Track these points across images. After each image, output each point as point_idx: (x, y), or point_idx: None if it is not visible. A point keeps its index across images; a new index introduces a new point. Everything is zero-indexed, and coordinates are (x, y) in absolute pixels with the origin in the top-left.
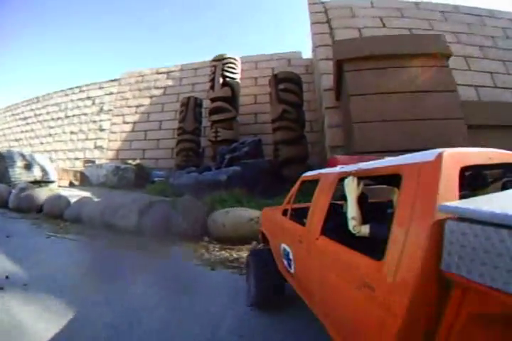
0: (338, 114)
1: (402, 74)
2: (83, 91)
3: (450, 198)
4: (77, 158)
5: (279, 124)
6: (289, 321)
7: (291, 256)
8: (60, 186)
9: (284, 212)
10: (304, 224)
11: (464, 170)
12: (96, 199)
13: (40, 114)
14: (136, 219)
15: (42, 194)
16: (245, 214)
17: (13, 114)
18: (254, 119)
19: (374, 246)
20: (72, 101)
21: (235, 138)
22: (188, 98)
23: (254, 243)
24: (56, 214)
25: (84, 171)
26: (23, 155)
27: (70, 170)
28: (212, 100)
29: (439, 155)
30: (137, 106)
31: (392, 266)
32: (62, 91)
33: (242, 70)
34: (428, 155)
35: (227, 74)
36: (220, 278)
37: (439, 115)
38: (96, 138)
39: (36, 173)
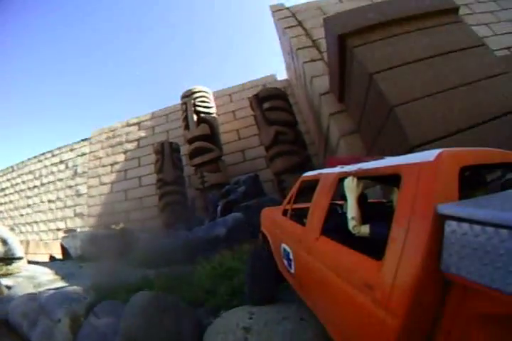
0: (347, 119)
1: (419, 38)
2: (55, 155)
3: (450, 198)
4: (58, 229)
5: (276, 150)
6: None
7: (291, 256)
8: (30, 262)
9: (284, 212)
10: (304, 224)
11: (464, 170)
12: (29, 291)
13: (16, 184)
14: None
15: None
16: None
17: None
18: (242, 157)
19: (374, 246)
20: (45, 167)
21: (225, 181)
22: (162, 144)
23: None
24: None
25: (63, 243)
26: None
27: (49, 242)
28: (190, 141)
29: (439, 156)
30: (112, 165)
31: (392, 266)
32: (35, 157)
33: (217, 106)
34: (428, 155)
35: (201, 109)
36: None
37: (483, 74)
38: (75, 205)
39: None
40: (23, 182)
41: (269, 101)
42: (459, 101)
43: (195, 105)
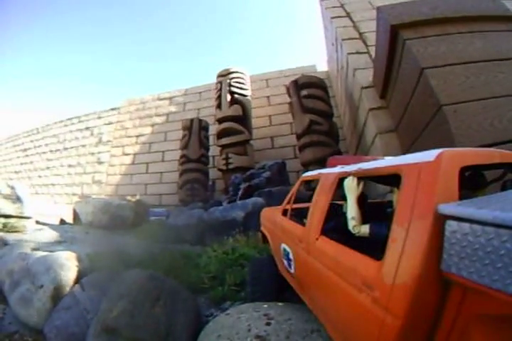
0: (386, 116)
1: (473, 40)
2: (82, 121)
3: (450, 198)
4: (74, 194)
5: (308, 139)
6: None
7: (291, 256)
8: (38, 223)
9: (284, 212)
10: (304, 224)
11: (464, 170)
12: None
13: (39, 146)
14: (44, 312)
15: None
16: None
17: (14, 145)
18: (270, 144)
19: (374, 246)
20: (70, 132)
21: (250, 165)
22: (192, 120)
23: None
24: None
25: (75, 207)
26: None
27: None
28: (220, 121)
29: (439, 156)
30: (137, 136)
31: (391, 266)
32: (61, 121)
33: (252, 90)
34: (428, 156)
35: (236, 90)
36: None
37: None
38: (94, 172)
39: (1, 204)
40: (46, 145)
41: (308, 89)
42: (509, 111)
43: (230, 85)
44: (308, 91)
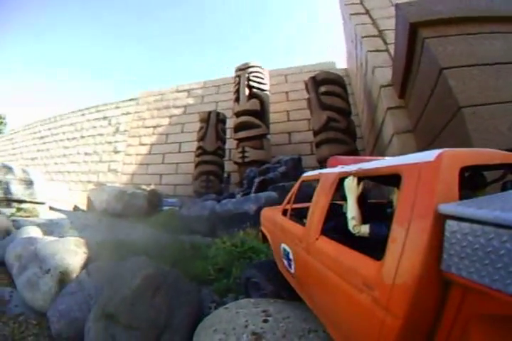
0: (404, 116)
1: (493, 41)
2: (100, 111)
3: (450, 198)
4: (89, 181)
5: (324, 136)
6: None
7: (291, 256)
8: (52, 209)
9: (284, 212)
10: (304, 224)
11: (464, 170)
12: (31, 235)
13: (56, 134)
14: (49, 296)
15: None
16: None
17: (31, 133)
18: (287, 139)
19: (374, 246)
20: (88, 121)
21: (266, 159)
22: (209, 112)
23: None
24: None
25: (89, 194)
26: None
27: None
28: (238, 114)
29: (439, 156)
30: (155, 127)
31: (392, 266)
32: (79, 110)
33: (271, 85)
34: (428, 156)
35: (254, 84)
36: None
37: None
38: (110, 161)
39: (15, 189)
40: (63, 133)
41: (326, 85)
42: None
43: (249, 79)
44: (326, 87)
